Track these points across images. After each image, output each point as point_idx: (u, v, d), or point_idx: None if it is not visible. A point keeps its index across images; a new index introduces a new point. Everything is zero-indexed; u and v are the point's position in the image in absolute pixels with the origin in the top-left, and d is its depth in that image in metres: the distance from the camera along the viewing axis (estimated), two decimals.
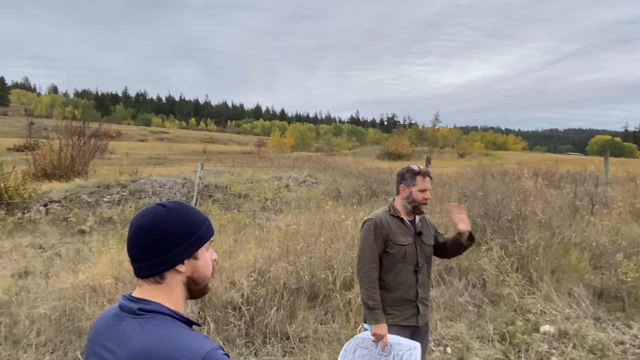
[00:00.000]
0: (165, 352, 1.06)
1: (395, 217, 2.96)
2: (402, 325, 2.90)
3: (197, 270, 1.22)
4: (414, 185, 2.91)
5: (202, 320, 4.52)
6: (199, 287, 1.25)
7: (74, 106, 26.24)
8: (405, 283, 2.92)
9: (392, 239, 2.90)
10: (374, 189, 11.71)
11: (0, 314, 4.59)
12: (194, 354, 1.05)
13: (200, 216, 1.25)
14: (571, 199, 7.99)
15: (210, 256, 1.27)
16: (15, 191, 9.82)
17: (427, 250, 3.01)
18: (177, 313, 1.17)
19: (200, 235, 1.22)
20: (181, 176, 13.08)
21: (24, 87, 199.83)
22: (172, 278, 1.19)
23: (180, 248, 1.18)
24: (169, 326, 1.13)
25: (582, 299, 5.70)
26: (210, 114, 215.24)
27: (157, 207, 1.22)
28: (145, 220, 1.19)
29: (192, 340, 1.10)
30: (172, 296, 1.20)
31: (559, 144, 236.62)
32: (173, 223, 1.18)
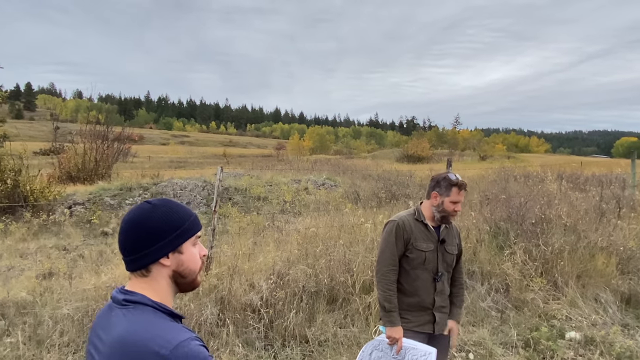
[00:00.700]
0: (140, 341, 1.11)
1: (420, 221, 2.89)
2: (416, 331, 2.84)
3: (183, 264, 1.27)
4: (447, 195, 2.80)
5: (222, 323, 4.53)
6: (186, 281, 1.29)
7: (98, 111, 26.74)
8: (422, 289, 2.85)
9: (413, 244, 2.84)
10: (394, 191, 11.62)
11: (24, 314, 4.68)
12: (167, 342, 1.10)
13: (185, 212, 1.30)
14: (597, 202, 7.78)
15: (199, 251, 1.32)
16: (41, 194, 10.04)
17: (449, 259, 2.92)
18: (159, 304, 1.22)
19: (184, 230, 1.27)
20: (201, 179, 13.19)
21: (50, 93, 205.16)
22: (157, 271, 1.25)
23: (164, 242, 1.23)
24: (148, 316, 1.18)
25: (609, 305, 5.53)
26: (230, 118, 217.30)
27: (143, 204, 1.28)
28: (132, 216, 1.26)
29: (167, 330, 1.15)
30: (158, 289, 1.25)
31: (584, 146, 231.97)
32: (157, 219, 1.24)
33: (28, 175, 10.24)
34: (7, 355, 3.98)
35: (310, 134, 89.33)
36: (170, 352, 1.09)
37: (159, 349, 1.09)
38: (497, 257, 6.11)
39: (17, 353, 4.02)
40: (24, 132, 76.14)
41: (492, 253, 6.24)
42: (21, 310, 4.76)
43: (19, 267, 6.35)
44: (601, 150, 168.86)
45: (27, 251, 7.26)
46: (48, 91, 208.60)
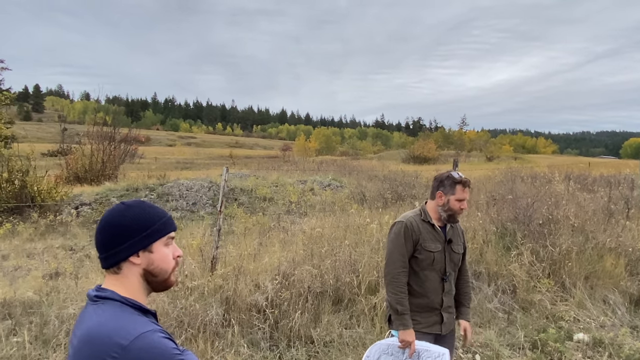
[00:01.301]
0: (103, 333, 1.15)
1: (426, 222, 2.85)
2: (425, 332, 2.81)
3: (153, 263, 1.31)
4: (452, 193, 2.78)
5: (227, 323, 4.52)
6: (158, 280, 1.33)
7: (105, 112, 26.87)
8: (431, 290, 2.83)
9: (422, 244, 2.80)
10: (400, 192, 11.58)
11: (31, 314, 4.69)
12: (128, 334, 1.14)
13: (157, 213, 1.34)
14: (605, 203, 7.71)
15: (172, 252, 1.36)
16: (48, 194, 10.11)
17: (455, 259, 2.91)
18: (127, 299, 1.25)
19: (155, 230, 1.31)
20: (207, 180, 13.22)
21: (58, 94, 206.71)
22: (128, 269, 1.29)
23: (133, 241, 1.28)
24: (115, 311, 1.22)
25: (618, 307, 5.47)
26: (237, 119, 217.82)
27: (118, 205, 1.33)
28: (106, 215, 1.31)
29: (131, 323, 1.19)
30: (128, 286, 1.29)
31: (591, 147, 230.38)
32: (127, 218, 1.29)
33: (35, 176, 10.31)
34: (14, 355, 3.99)
35: (316, 135, 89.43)
36: (130, 343, 1.12)
37: (119, 339, 1.12)
38: (504, 258, 6.06)
39: (23, 352, 4.03)
40: (32, 134, 76.75)
41: (499, 254, 6.19)
42: (28, 310, 4.78)
43: (26, 267, 6.38)
44: (609, 151, 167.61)
45: (34, 251, 7.29)
46: (56, 93, 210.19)
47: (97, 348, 1.14)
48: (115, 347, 1.12)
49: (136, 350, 1.12)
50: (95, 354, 1.14)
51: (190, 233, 7.76)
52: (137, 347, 1.12)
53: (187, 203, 11.40)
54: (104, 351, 1.12)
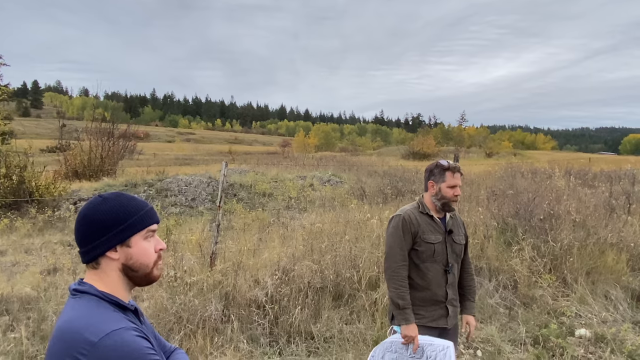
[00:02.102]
0: (74, 328, 1.12)
1: (425, 214, 2.82)
2: (430, 326, 2.76)
3: (131, 258, 1.27)
4: (443, 181, 2.77)
5: (226, 319, 4.48)
6: (138, 275, 1.29)
7: (104, 108, 26.81)
8: (434, 283, 2.78)
9: (421, 236, 2.76)
10: (400, 187, 11.54)
11: (28, 310, 4.66)
12: (99, 330, 1.10)
13: (134, 206, 1.29)
14: (607, 198, 7.68)
15: (154, 245, 1.32)
16: (46, 190, 10.06)
17: (457, 249, 2.86)
18: (105, 294, 1.22)
19: (132, 224, 1.27)
20: (206, 175, 13.16)
21: (57, 90, 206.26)
22: (106, 264, 1.26)
23: (108, 236, 1.24)
24: (90, 305, 1.19)
25: (620, 302, 5.44)
26: (236, 115, 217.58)
27: (95, 198, 1.30)
28: (82, 209, 1.27)
29: (103, 319, 1.15)
30: (107, 281, 1.25)
31: (590, 143, 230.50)
32: (103, 212, 1.25)
33: (33, 172, 10.25)
34: (11, 351, 3.95)
35: (316, 131, 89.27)
36: (99, 340, 1.09)
37: (89, 335, 1.09)
38: (505, 254, 6.03)
39: (21, 349, 3.99)
40: (30, 130, 76.59)
41: (500, 249, 6.15)
42: (25, 306, 4.74)
43: (24, 263, 6.35)
44: (608, 147, 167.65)
45: (32, 247, 7.25)
46: (55, 89, 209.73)
47: (67, 344, 1.11)
48: (84, 343, 1.09)
49: (105, 347, 1.08)
50: (65, 349, 1.11)
51: (189, 228, 7.72)
52: (106, 345, 1.09)
53: (186, 199, 11.35)
54: (73, 347, 1.09)
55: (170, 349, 1.58)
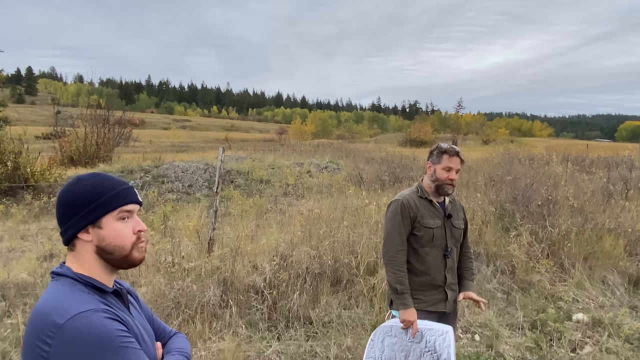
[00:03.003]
0: (44, 310, 1.09)
1: (424, 198, 2.79)
2: (429, 310, 2.75)
3: (104, 240, 1.22)
4: (439, 163, 2.74)
5: (225, 304, 4.47)
6: (114, 257, 1.24)
7: (99, 95, 26.54)
8: (433, 267, 2.76)
9: (420, 221, 2.73)
10: (397, 174, 11.52)
11: (25, 296, 4.64)
12: (66, 312, 1.07)
13: (107, 186, 1.24)
14: (604, 184, 7.68)
15: (133, 226, 1.26)
16: (41, 176, 9.98)
17: (457, 234, 2.84)
18: (80, 276, 1.19)
19: (101, 204, 1.22)
20: (203, 162, 13.10)
21: (51, 77, 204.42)
22: (81, 246, 1.23)
23: (78, 216, 1.21)
24: (64, 287, 1.16)
25: (617, 287, 5.47)
26: (232, 102, 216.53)
27: (72, 179, 1.27)
28: (59, 191, 1.26)
29: (73, 300, 1.11)
30: (84, 263, 1.22)
31: (587, 130, 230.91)
32: (73, 193, 1.22)
33: (28, 158, 10.17)
34: (8, 336, 3.94)
35: (313, 119, 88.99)
36: (65, 322, 1.05)
37: (56, 318, 1.06)
38: (503, 239, 6.03)
39: (18, 334, 3.98)
40: (25, 117, 76.01)
41: (498, 235, 6.16)
42: (22, 292, 4.71)
43: (20, 249, 6.31)
44: (604, 134, 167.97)
45: (27, 233, 7.21)
46: (49, 75, 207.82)
47: (35, 326, 1.08)
48: (51, 325, 1.05)
49: (71, 330, 1.05)
50: (33, 332, 1.08)
51: (186, 215, 7.69)
52: (72, 327, 1.05)
53: (182, 185, 11.30)
54: (41, 329, 1.06)
55: (170, 333, 1.55)
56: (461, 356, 3.99)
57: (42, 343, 1.05)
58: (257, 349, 3.99)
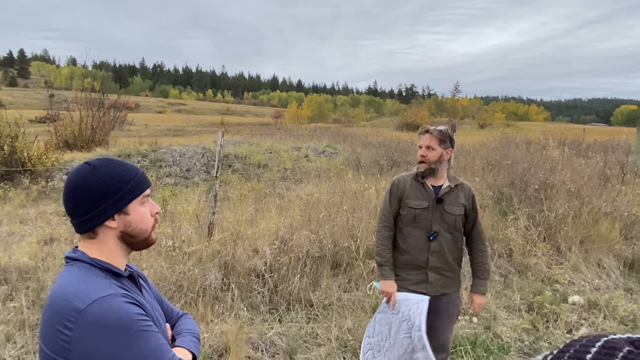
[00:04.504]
0: (62, 296, 1.10)
1: (417, 180, 2.82)
2: (410, 289, 2.80)
3: (130, 225, 1.24)
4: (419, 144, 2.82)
5: (226, 287, 4.51)
6: (137, 240, 1.27)
7: (92, 78, 26.23)
8: (414, 247, 2.79)
9: (405, 201, 2.82)
10: (395, 158, 11.54)
11: (27, 279, 4.66)
12: (86, 297, 1.08)
13: (128, 172, 1.26)
14: (601, 168, 7.73)
15: (150, 209, 1.29)
16: (38, 160, 9.93)
17: (448, 219, 2.77)
18: (96, 261, 1.19)
19: (128, 191, 1.23)
20: (200, 146, 13.07)
21: (44, 60, 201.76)
22: (104, 233, 1.22)
23: (105, 205, 1.19)
24: (81, 272, 1.16)
25: (612, 270, 5.54)
26: (227, 86, 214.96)
27: (82, 166, 1.23)
28: (70, 179, 1.21)
29: (92, 285, 1.12)
30: (105, 250, 1.23)
31: (583, 114, 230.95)
32: (96, 181, 1.19)
33: (25, 142, 10.10)
34: (12, 319, 3.97)
35: (309, 102, 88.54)
36: (87, 307, 1.06)
37: (77, 303, 1.07)
38: (501, 223, 6.09)
39: (21, 317, 4.01)
40: (18, 100, 75.22)
41: (496, 219, 6.21)
42: (24, 275, 4.74)
43: (20, 233, 6.32)
44: (600, 119, 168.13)
45: (26, 217, 7.20)
46: (42, 58, 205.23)
47: (56, 312, 1.09)
48: (72, 310, 1.06)
49: (92, 314, 1.06)
50: (54, 317, 1.09)
51: (185, 199, 7.70)
52: (94, 312, 1.06)
53: (180, 169, 11.28)
54: (61, 314, 1.07)
55: (178, 314, 1.57)
56: (459, 337, 4.06)
57: (63, 328, 1.07)
58: (258, 331, 4.05)
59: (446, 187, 2.80)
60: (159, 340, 1.17)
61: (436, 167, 2.76)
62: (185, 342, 1.41)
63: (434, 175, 2.79)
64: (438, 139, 2.73)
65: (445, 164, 2.80)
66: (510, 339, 4.15)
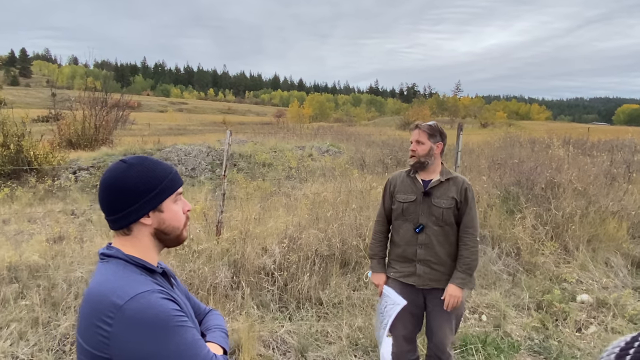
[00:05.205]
0: (101, 292, 1.13)
1: (409, 175, 2.89)
2: (402, 281, 2.87)
3: (164, 222, 1.27)
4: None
5: (236, 286, 4.53)
6: (170, 237, 1.30)
7: (94, 77, 26.28)
8: (403, 240, 2.86)
9: (395, 196, 2.92)
10: (399, 157, 11.54)
11: (37, 278, 4.67)
12: (125, 293, 1.11)
13: (162, 170, 1.28)
14: (607, 167, 7.73)
15: (182, 207, 1.32)
16: (44, 159, 9.95)
17: (436, 212, 2.76)
18: (132, 257, 1.22)
19: (163, 189, 1.26)
20: (205, 145, 13.09)
21: (45, 59, 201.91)
22: (138, 230, 1.25)
23: (141, 202, 1.22)
24: (117, 269, 1.19)
25: (620, 269, 5.55)
26: (229, 85, 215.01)
27: (118, 164, 1.26)
28: (107, 176, 1.24)
29: (130, 282, 1.15)
30: (139, 246, 1.26)
31: (584, 113, 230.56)
32: (132, 178, 1.22)
33: (31, 140, 10.13)
34: (24, 317, 3.99)
35: (310, 102, 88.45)
36: (125, 303, 1.09)
37: (116, 299, 1.09)
38: (508, 222, 6.09)
39: (33, 315, 4.03)
40: (20, 99, 75.30)
41: (503, 217, 6.22)
42: (34, 274, 4.75)
43: (28, 232, 6.33)
44: (602, 118, 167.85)
45: (34, 216, 7.22)
46: (43, 57, 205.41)
47: (94, 307, 1.12)
48: (111, 306, 1.09)
49: (131, 310, 1.09)
50: (93, 313, 1.12)
51: (191, 198, 7.71)
52: (132, 308, 1.09)
53: (186, 168, 11.31)
54: (100, 310, 1.10)
55: (205, 310, 1.59)
56: (470, 336, 4.07)
57: (102, 324, 1.09)
58: (269, 328, 4.06)
59: (436, 181, 2.81)
60: (195, 335, 1.18)
61: (426, 161, 2.79)
62: (216, 337, 1.43)
63: (426, 170, 2.83)
64: (427, 133, 2.78)
65: (437, 158, 2.82)
66: (520, 338, 4.16)
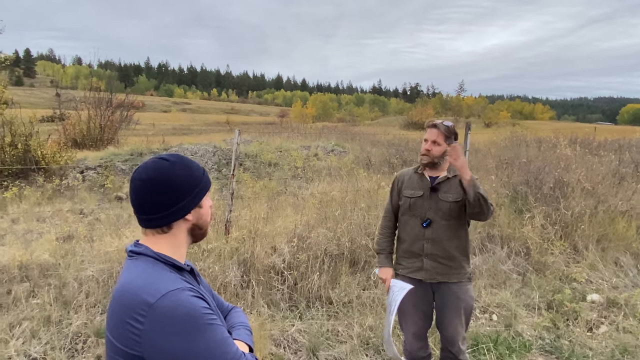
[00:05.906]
0: (132, 289, 1.13)
1: (417, 172, 2.93)
2: (409, 276, 2.89)
3: (202, 218, 1.31)
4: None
5: (246, 285, 4.53)
6: (202, 232, 1.34)
7: (98, 77, 26.34)
8: (410, 235, 2.89)
9: (402, 192, 2.96)
10: (405, 157, 11.53)
11: (48, 276, 4.69)
12: (156, 291, 1.11)
13: (198, 168, 1.32)
14: (616, 167, 7.70)
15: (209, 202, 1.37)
16: (52, 158, 9.99)
17: (443, 207, 2.78)
18: (160, 255, 1.22)
19: (203, 185, 1.30)
20: (211, 144, 13.11)
21: (49, 59, 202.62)
22: (178, 227, 1.27)
23: (188, 199, 1.25)
24: (147, 266, 1.19)
25: (630, 268, 5.53)
26: (232, 85, 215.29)
27: (160, 162, 1.26)
28: (152, 174, 1.23)
29: (160, 279, 1.16)
30: (175, 242, 1.27)
31: (588, 113, 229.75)
32: (179, 176, 1.24)
33: (39, 140, 10.17)
34: (36, 316, 4.00)
35: (313, 102, 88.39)
36: (157, 300, 1.09)
37: (147, 296, 1.10)
38: (517, 221, 6.08)
39: (45, 314, 4.05)
40: (24, 99, 75.48)
41: (512, 217, 6.20)
42: (45, 273, 4.77)
43: (37, 231, 6.36)
44: (606, 117, 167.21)
45: (43, 215, 7.25)
46: (47, 57, 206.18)
47: (125, 305, 1.12)
48: (143, 304, 1.10)
49: (162, 308, 1.09)
50: (124, 310, 1.12)
51: None
52: (164, 306, 1.09)
53: None
54: (132, 308, 1.11)
55: (228, 307, 1.60)
56: (481, 335, 4.06)
57: (134, 321, 1.10)
58: (280, 327, 4.06)
59: (443, 177, 2.85)
60: (224, 333, 1.19)
61: (439, 162, 2.83)
62: (241, 335, 1.43)
63: (435, 168, 2.86)
64: (445, 135, 2.79)
65: (447, 158, 2.84)
66: (532, 337, 4.15)
